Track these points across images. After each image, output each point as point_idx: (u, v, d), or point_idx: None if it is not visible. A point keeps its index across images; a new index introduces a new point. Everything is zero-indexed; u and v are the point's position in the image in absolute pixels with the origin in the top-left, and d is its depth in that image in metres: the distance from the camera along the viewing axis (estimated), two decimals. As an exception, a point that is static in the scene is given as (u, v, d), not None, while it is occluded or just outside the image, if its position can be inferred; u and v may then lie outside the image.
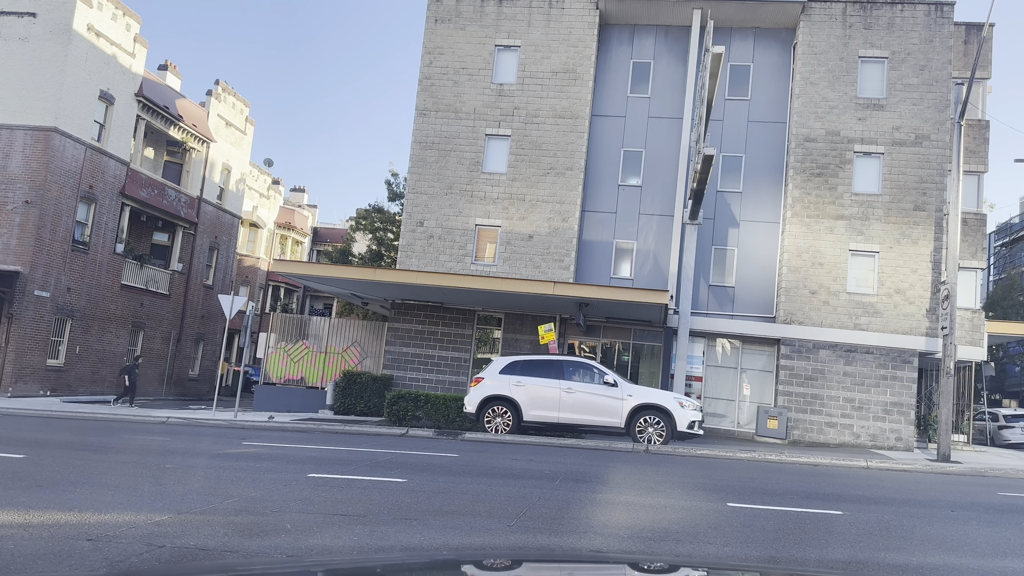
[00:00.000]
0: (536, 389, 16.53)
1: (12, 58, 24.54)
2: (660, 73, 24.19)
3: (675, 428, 16.12)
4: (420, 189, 24.05)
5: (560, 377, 16.55)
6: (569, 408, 16.28)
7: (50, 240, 24.51)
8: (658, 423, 16.10)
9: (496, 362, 17.39)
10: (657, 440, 16.01)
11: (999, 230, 48.85)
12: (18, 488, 7.17)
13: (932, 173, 22.27)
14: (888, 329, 21.78)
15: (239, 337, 33.09)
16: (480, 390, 16.87)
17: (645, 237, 23.49)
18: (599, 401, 16.24)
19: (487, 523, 6.61)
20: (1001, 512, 9.16)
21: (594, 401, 16.26)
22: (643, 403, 16.23)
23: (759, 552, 6.13)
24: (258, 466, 9.56)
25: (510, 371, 16.91)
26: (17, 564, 4.67)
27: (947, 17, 22.78)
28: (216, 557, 5.11)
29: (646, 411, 16.16)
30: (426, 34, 24.65)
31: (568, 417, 16.33)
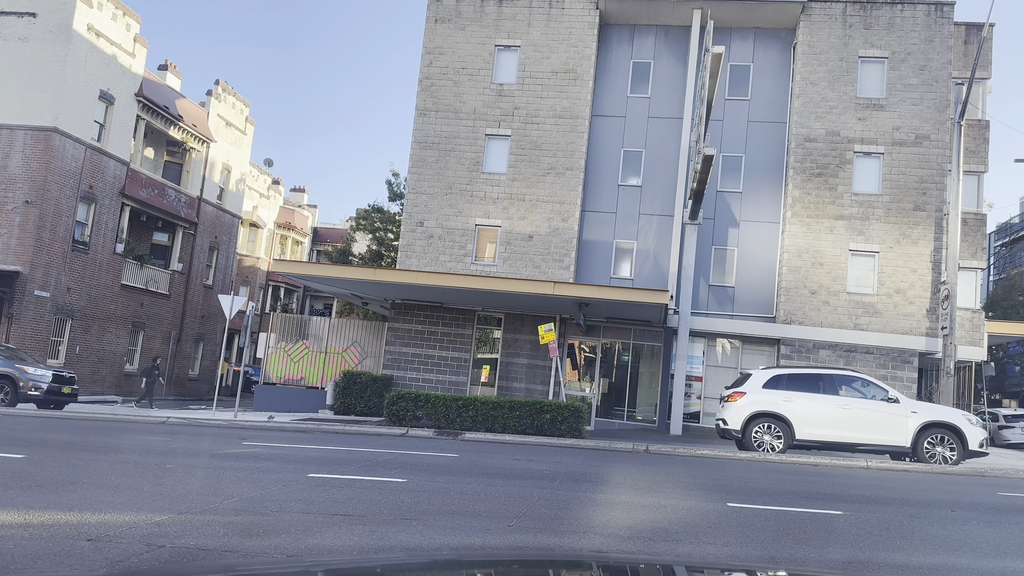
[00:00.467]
0: (808, 405, 15.49)
1: (12, 58, 24.55)
2: (660, 73, 24.19)
3: (967, 447, 14.94)
4: (420, 189, 24.05)
5: (833, 392, 15.54)
6: (846, 426, 15.21)
7: (50, 240, 24.52)
8: (948, 442, 14.95)
9: (756, 375, 16.31)
10: (946, 460, 14.88)
11: (999, 230, 48.85)
12: (18, 488, 7.17)
13: (932, 173, 22.27)
14: (888, 329, 21.78)
15: (239, 337, 33.10)
16: (743, 405, 15.70)
17: (645, 237, 23.49)
18: (879, 419, 15.13)
19: (487, 523, 6.61)
20: (1001, 512, 9.16)
21: (874, 419, 15.15)
22: (931, 420, 15.05)
23: (759, 552, 6.13)
24: (258, 466, 9.56)
25: (775, 385, 15.89)
26: (17, 564, 4.67)
27: (947, 17, 22.78)
28: (216, 557, 5.11)
29: (934, 429, 15.03)
30: (426, 34, 24.66)
31: (845, 436, 15.24)
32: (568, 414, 17.37)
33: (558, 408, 17.46)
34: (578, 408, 17.56)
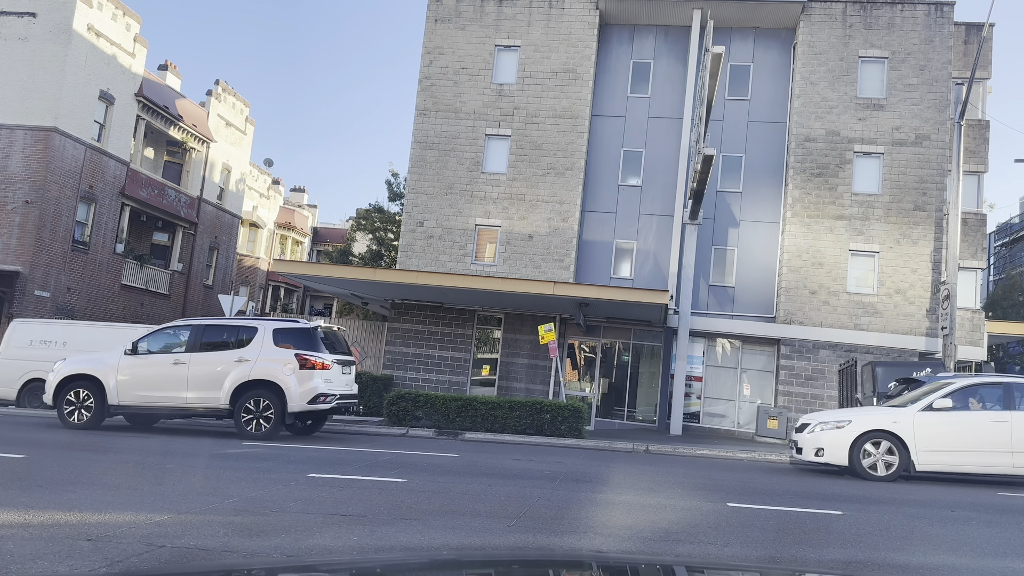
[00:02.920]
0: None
1: (12, 58, 24.55)
2: (660, 73, 24.19)
3: None
4: (420, 189, 24.05)
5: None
6: None
7: (50, 240, 24.52)
8: None
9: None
10: None
11: (999, 230, 48.84)
12: (18, 488, 7.17)
13: (932, 173, 22.28)
14: (888, 329, 21.78)
15: (239, 337, 33.03)
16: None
17: (645, 237, 23.49)
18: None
19: (487, 523, 6.61)
20: (1001, 512, 9.16)
21: None
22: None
23: (759, 552, 6.13)
24: (258, 466, 9.56)
25: None
26: (17, 564, 4.67)
27: (947, 17, 22.79)
28: (216, 557, 5.11)
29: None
30: (426, 34, 24.66)
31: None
32: (568, 414, 17.37)
33: (558, 408, 17.46)
34: (578, 408, 17.56)
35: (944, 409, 11.83)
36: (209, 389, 13.04)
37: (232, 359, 13.08)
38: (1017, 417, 11.70)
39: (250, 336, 13.27)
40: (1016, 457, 11.57)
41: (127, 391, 13.30)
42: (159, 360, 13.34)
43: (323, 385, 13.09)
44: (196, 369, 13.13)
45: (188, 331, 13.55)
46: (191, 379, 13.09)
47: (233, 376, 12.97)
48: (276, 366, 12.93)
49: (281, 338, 13.25)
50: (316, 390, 12.98)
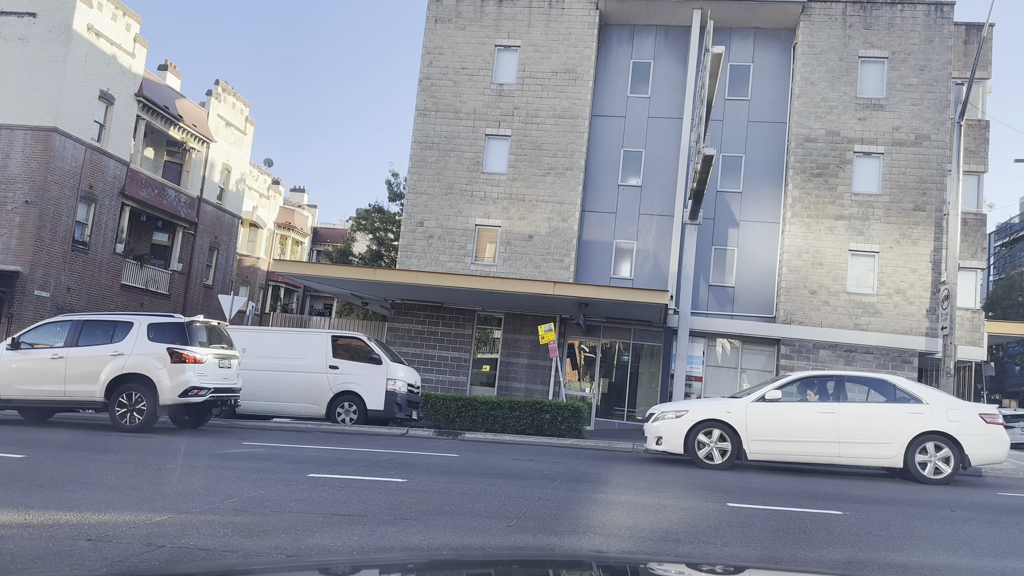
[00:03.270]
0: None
1: (12, 58, 24.54)
2: (660, 73, 24.19)
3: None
4: (420, 189, 24.05)
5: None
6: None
7: (50, 240, 24.52)
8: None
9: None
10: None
11: (999, 230, 48.86)
12: (18, 488, 7.17)
13: (932, 173, 22.28)
14: (888, 329, 21.79)
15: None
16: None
17: (645, 237, 23.49)
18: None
19: (487, 523, 6.61)
20: (1001, 512, 9.16)
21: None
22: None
23: (759, 552, 6.13)
24: (258, 466, 9.56)
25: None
26: (17, 564, 4.67)
27: (947, 17, 22.79)
28: (216, 557, 5.11)
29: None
30: (426, 34, 24.66)
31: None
32: (568, 414, 17.36)
33: (558, 408, 17.46)
34: (578, 408, 17.56)
35: (775, 400, 12.19)
36: (86, 383, 13.39)
37: (108, 353, 13.43)
38: (844, 409, 11.99)
39: (125, 331, 13.65)
40: (842, 447, 11.86)
41: (9, 385, 13.65)
42: (39, 355, 13.73)
43: (195, 379, 13.41)
44: (73, 363, 13.48)
45: (67, 326, 13.94)
46: (69, 373, 13.45)
47: (108, 370, 13.32)
48: (149, 360, 13.31)
49: (155, 333, 13.59)
50: (188, 383, 13.30)
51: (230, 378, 14.51)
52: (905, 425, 11.77)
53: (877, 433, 11.84)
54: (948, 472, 11.63)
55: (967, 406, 12.18)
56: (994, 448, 11.81)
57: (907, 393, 12.11)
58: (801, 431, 12.01)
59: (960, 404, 12.17)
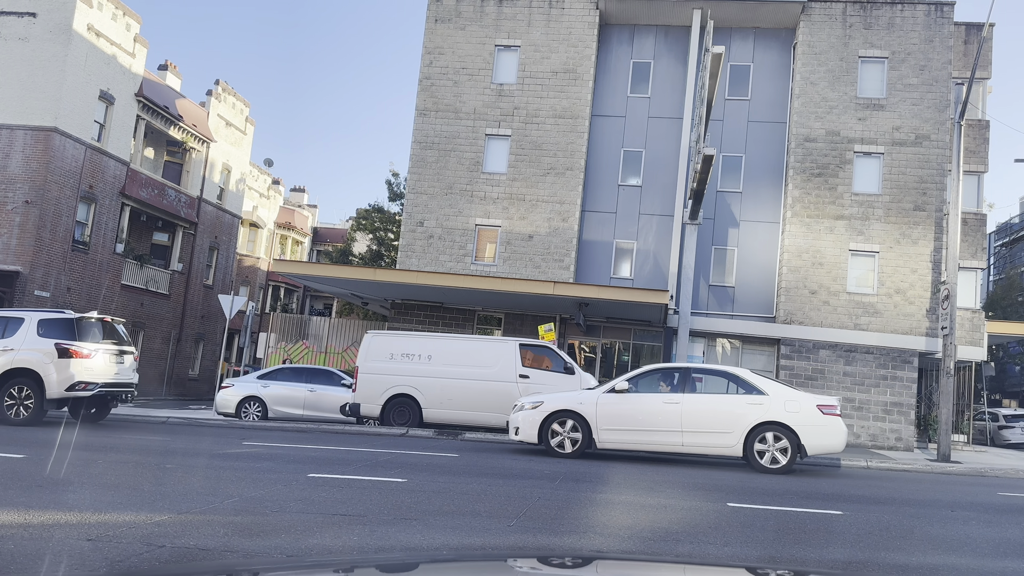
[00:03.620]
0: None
1: (12, 58, 24.54)
2: (660, 73, 24.19)
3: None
4: (420, 189, 24.05)
5: None
6: None
7: (50, 240, 24.52)
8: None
9: None
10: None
11: (999, 230, 48.86)
12: (18, 488, 7.17)
13: (932, 173, 22.28)
14: (888, 329, 21.79)
15: (239, 337, 33.06)
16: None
17: (645, 237, 23.50)
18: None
19: (487, 523, 6.61)
20: (1001, 512, 9.16)
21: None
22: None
23: (759, 552, 6.13)
24: (258, 466, 9.56)
25: None
26: (17, 564, 4.67)
27: (947, 17, 22.79)
28: (216, 557, 5.11)
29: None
30: (426, 34, 24.67)
31: None
32: (568, 414, 17.32)
33: (558, 408, 17.41)
34: (578, 408, 17.52)
35: (624, 391, 12.53)
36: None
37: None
38: (688, 399, 12.33)
39: (16, 327, 14.00)
40: (685, 436, 12.20)
41: None
42: None
43: (83, 373, 13.72)
44: None
45: None
46: None
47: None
48: (36, 355, 13.68)
49: (45, 329, 13.91)
50: (74, 378, 13.63)
51: (123, 373, 14.79)
52: (745, 415, 12.09)
53: (718, 423, 12.17)
54: (784, 462, 11.88)
55: (806, 398, 12.43)
56: (830, 438, 12.11)
57: (750, 385, 12.43)
58: (646, 421, 12.36)
59: (799, 396, 12.44)
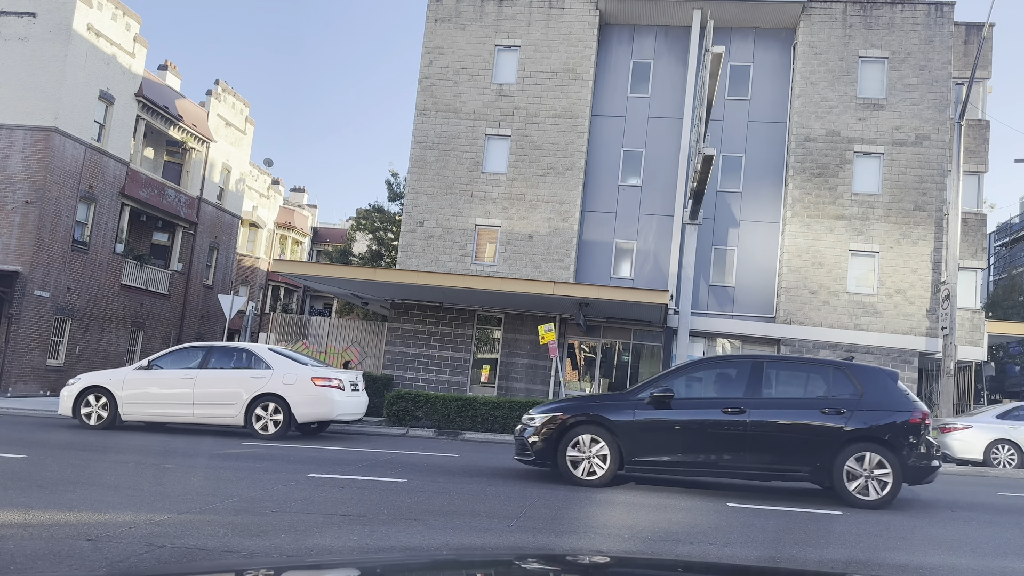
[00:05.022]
0: None
1: (12, 58, 24.54)
2: (660, 73, 24.19)
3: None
4: (420, 189, 24.05)
5: None
6: None
7: (50, 240, 24.51)
8: None
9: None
10: None
11: (999, 230, 48.85)
12: (18, 488, 7.17)
13: (932, 173, 22.28)
14: (888, 329, 21.78)
15: (239, 337, 33.06)
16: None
17: (645, 237, 23.49)
18: None
19: (487, 523, 6.61)
20: (1001, 512, 9.16)
21: None
22: None
23: (759, 552, 6.13)
24: (258, 466, 9.56)
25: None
26: (17, 564, 4.67)
27: (947, 17, 22.79)
28: (216, 557, 5.11)
29: None
30: (426, 34, 24.66)
31: None
32: (568, 414, 17.33)
33: (558, 408, 17.43)
34: (578, 408, 17.53)
35: (151, 368, 13.67)
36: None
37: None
38: (202, 375, 13.40)
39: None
40: (196, 408, 13.32)
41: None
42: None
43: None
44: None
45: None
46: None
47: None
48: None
49: None
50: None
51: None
52: (248, 389, 13.27)
53: (224, 396, 13.29)
54: (274, 431, 13.07)
55: (303, 371, 13.45)
56: (319, 407, 13.31)
57: (261, 360, 13.57)
58: (164, 395, 13.40)
59: (298, 370, 13.46)
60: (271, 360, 13.56)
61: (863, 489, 8.73)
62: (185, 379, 13.37)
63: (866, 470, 8.74)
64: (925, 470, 8.83)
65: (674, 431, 9.08)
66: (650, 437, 9.11)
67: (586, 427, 9.20)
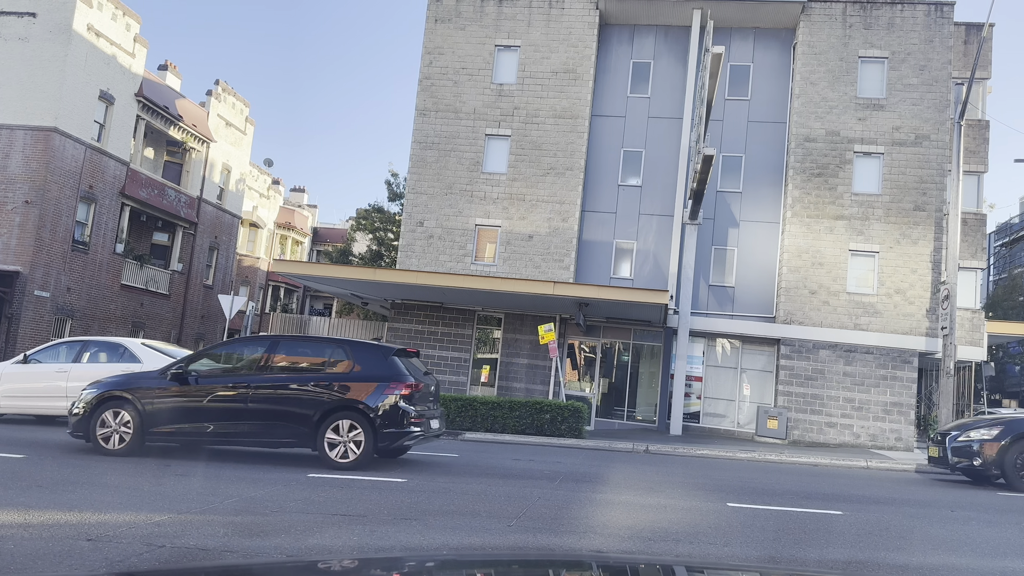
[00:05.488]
0: None
1: (12, 58, 24.54)
2: (660, 73, 24.19)
3: None
4: (420, 189, 24.05)
5: None
6: None
7: (50, 240, 24.52)
8: None
9: None
10: None
11: (999, 230, 48.85)
12: (18, 488, 7.17)
13: (932, 173, 22.27)
14: (888, 329, 21.78)
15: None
16: None
17: (645, 237, 23.49)
18: None
19: (487, 523, 6.61)
20: (1001, 512, 9.16)
21: None
22: None
23: (759, 552, 6.13)
24: (258, 466, 9.56)
25: None
26: (17, 564, 4.67)
27: (947, 17, 22.78)
28: (216, 557, 5.11)
29: None
30: (426, 34, 24.66)
31: None
32: (568, 414, 17.37)
33: (558, 408, 17.46)
34: (578, 408, 17.56)
35: (29, 362, 13.99)
36: None
37: None
38: (75, 368, 13.68)
39: None
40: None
41: None
42: None
43: None
44: None
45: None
46: None
47: None
48: None
49: None
50: None
51: None
52: None
53: None
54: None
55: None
56: None
57: (133, 355, 13.85)
58: (40, 388, 13.72)
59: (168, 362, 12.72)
60: (142, 355, 13.84)
61: (343, 454, 9.62)
62: (59, 372, 13.71)
63: (344, 437, 9.64)
64: (398, 435, 9.75)
65: (188, 405, 9.99)
66: (168, 410, 9.99)
67: (116, 402, 10.05)
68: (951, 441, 12.31)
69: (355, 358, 10.04)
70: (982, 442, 11.83)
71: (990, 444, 11.72)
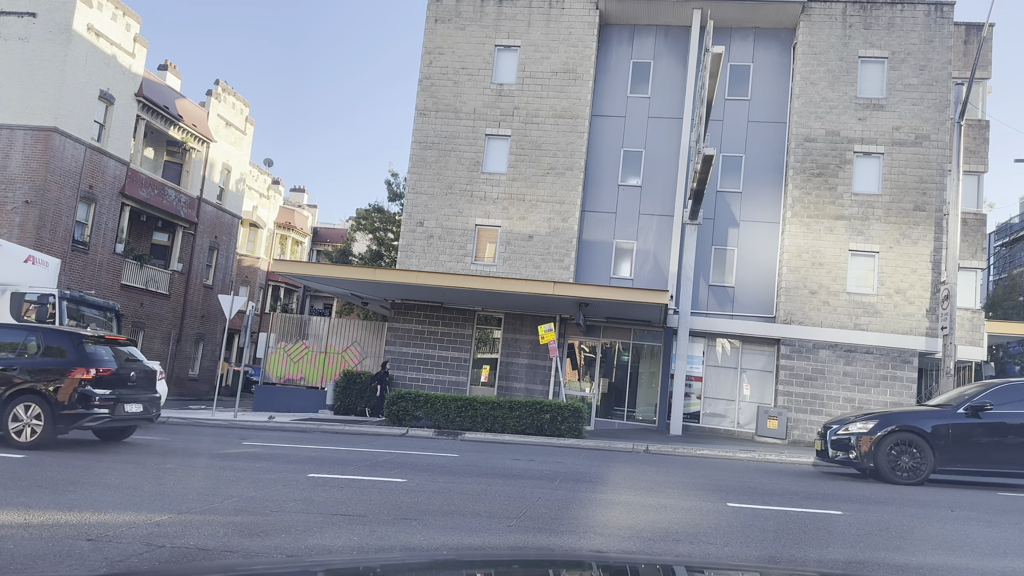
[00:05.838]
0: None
1: (12, 58, 24.54)
2: (660, 73, 24.19)
3: None
4: (420, 189, 24.05)
5: None
6: None
7: (50, 240, 24.51)
8: None
9: None
10: None
11: (999, 230, 48.83)
12: (18, 488, 7.17)
13: (932, 173, 22.27)
14: (888, 329, 21.78)
15: (239, 337, 33.06)
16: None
17: (645, 237, 23.49)
18: None
19: (487, 523, 6.61)
20: (1001, 512, 9.16)
21: None
22: None
23: (759, 552, 6.13)
24: (258, 466, 9.56)
25: None
26: (17, 564, 4.67)
27: (947, 17, 22.78)
28: (216, 557, 5.11)
29: None
30: (426, 34, 24.66)
31: None
32: (568, 414, 17.37)
33: (558, 408, 17.46)
34: (578, 408, 17.57)
35: None
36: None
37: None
38: None
39: None
40: None
41: None
42: None
43: None
44: None
45: None
46: None
47: None
48: None
49: None
50: None
51: None
52: None
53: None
54: None
55: None
56: None
57: None
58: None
59: None
60: None
61: (23, 433, 10.41)
62: None
63: (26, 419, 10.48)
64: (79, 416, 10.51)
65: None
66: None
67: None
68: (831, 435, 12.25)
69: (45, 345, 10.85)
70: (859, 435, 11.76)
71: (866, 438, 11.65)
